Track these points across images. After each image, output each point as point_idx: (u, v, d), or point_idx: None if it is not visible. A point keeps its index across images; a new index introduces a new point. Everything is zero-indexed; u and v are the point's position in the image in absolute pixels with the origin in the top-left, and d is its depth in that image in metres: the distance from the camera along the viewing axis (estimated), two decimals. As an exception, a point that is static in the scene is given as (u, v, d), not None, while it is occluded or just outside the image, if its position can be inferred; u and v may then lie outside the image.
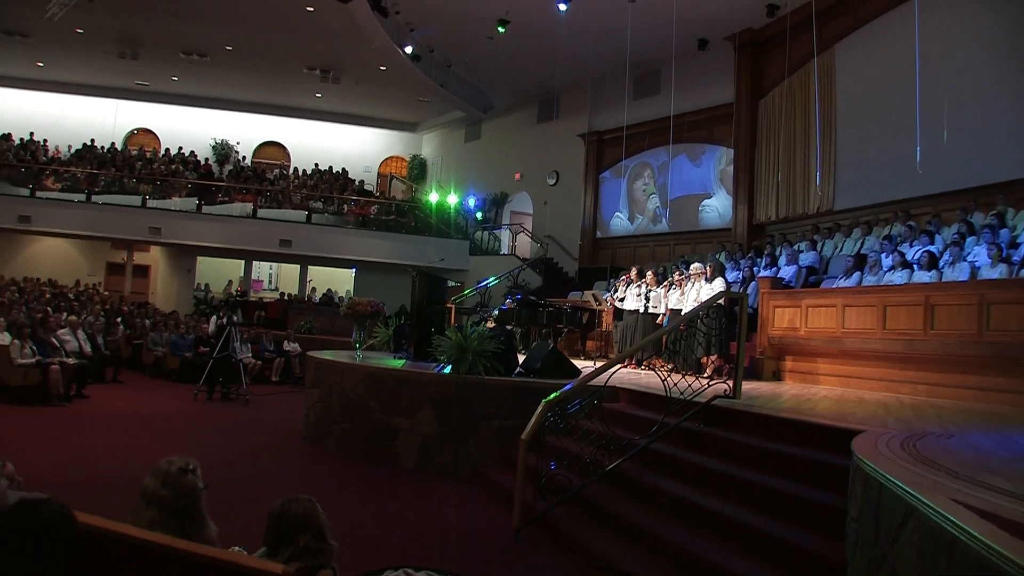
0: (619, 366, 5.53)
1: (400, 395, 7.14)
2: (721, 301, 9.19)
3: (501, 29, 16.52)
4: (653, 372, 9.73)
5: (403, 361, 8.62)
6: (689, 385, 5.51)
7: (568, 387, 5.20)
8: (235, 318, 11.35)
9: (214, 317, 12.97)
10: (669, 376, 5.49)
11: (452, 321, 12.15)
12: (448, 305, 13.33)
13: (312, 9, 16.34)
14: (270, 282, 24.91)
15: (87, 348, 11.63)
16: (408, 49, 17.75)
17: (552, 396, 5.03)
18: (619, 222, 19.81)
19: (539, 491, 4.98)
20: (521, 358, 8.19)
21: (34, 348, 9.72)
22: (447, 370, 7.08)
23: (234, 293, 20.30)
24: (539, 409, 4.96)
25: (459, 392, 6.88)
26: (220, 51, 19.53)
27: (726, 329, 9.29)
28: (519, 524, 4.89)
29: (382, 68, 19.60)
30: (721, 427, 5.28)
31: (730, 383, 5.68)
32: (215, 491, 5.81)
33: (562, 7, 15.05)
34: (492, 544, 4.95)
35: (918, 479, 2.59)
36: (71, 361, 10.12)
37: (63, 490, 5.25)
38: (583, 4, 14.98)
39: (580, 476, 5.09)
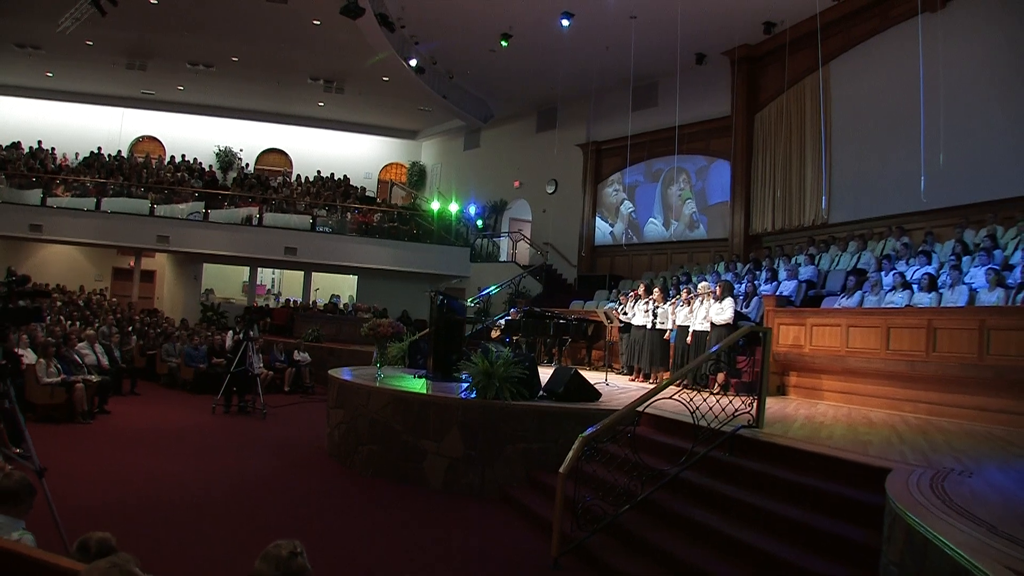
0: (660, 396, 5.78)
1: (427, 418, 7.40)
2: (730, 319, 9.62)
3: (504, 43, 16.80)
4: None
5: (424, 380, 8.90)
6: (716, 415, 5.81)
7: (600, 424, 5.46)
8: (252, 333, 11.55)
9: (231, 332, 13.19)
10: (697, 409, 5.77)
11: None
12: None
13: (319, 23, 16.57)
14: (272, 286, 25.18)
15: (104, 361, 11.79)
16: (413, 62, 17.99)
17: (589, 431, 5.31)
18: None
19: (576, 520, 5.27)
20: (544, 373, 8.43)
21: (59, 366, 9.93)
22: (473, 394, 7.35)
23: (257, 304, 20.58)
24: (576, 444, 5.25)
25: (485, 416, 7.16)
26: (226, 62, 19.82)
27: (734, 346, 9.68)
28: (558, 552, 5.19)
29: (385, 79, 19.88)
30: (747, 457, 5.58)
31: (752, 411, 5.99)
32: (255, 513, 6.11)
33: (565, 23, 15.34)
34: (531, 572, 5.21)
35: (965, 539, 2.92)
36: (94, 378, 10.32)
37: (111, 519, 5.55)
38: (584, 19, 15.27)
39: (614, 505, 5.39)
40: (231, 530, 5.73)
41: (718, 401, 5.91)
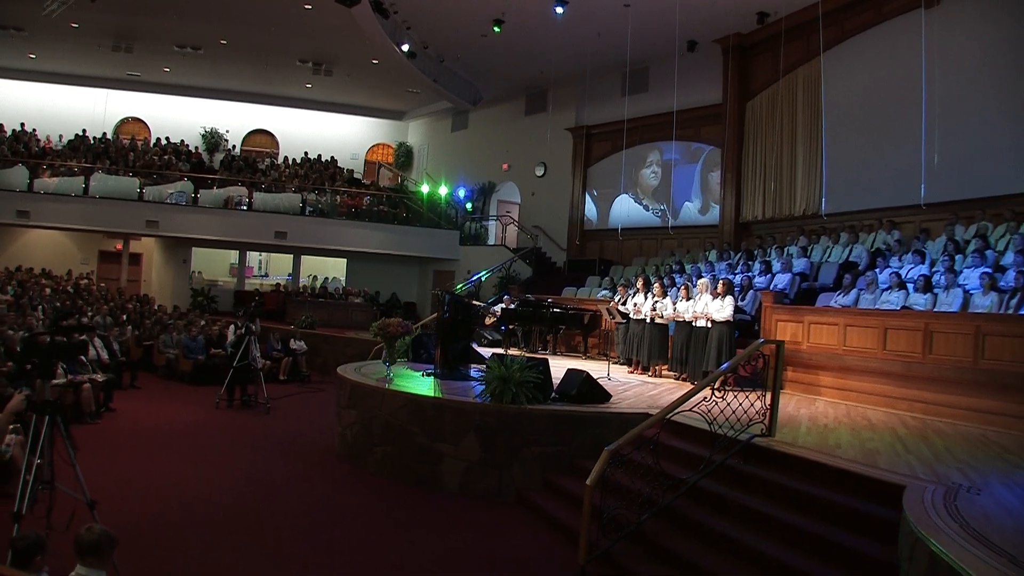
0: (687, 406, 5.97)
1: (443, 422, 7.55)
2: (730, 317, 9.87)
3: (497, 29, 16.78)
4: (662, 380, 10.40)
5: (432, 379, 9.06)
6: (731, 424, 6.04)
7: (623, 438, 5.66)
8: (253, 327, 11.60)
9: (232, 326, 13.21)
10: (715, 420, 6.00)
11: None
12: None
13: (310, 7, 16.39)
14: (260, 268, 25.13)
15: (104, 355, 11.74)
16: (405, 47, 17.91)
17: (613, 445, 5.52)
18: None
19: (601, 529, 5.50)
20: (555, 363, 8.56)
21: (64, 367, 9.89)
22: (488, 398, 7.51)
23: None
24: (603, 456, 5.42)
25: (502, 420, 7.32)
26: (214, 45, 19.60)
27: (735, 342, 9.97)
28: (585, 560, 5.42)
29: (375, 61, 19.76)
30: (761, 466, 5.83)
31: (766, 421, 6.22)
32: (275, 519, 6.22)
33: (559, 10, 15.32)
34: (560, 580, 5.44)
35: (994, 574, 3.20)
36: (99, 378, 10.32)
37: (136, 534, 5.62)
38: (577, 6, 15.26)
39: (636, 513, 5.62)
40: (253, 539, 5.86)
41: (734, 412, 6.12)
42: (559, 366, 8.45)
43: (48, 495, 4.53)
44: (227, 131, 25.08)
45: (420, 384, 8.65)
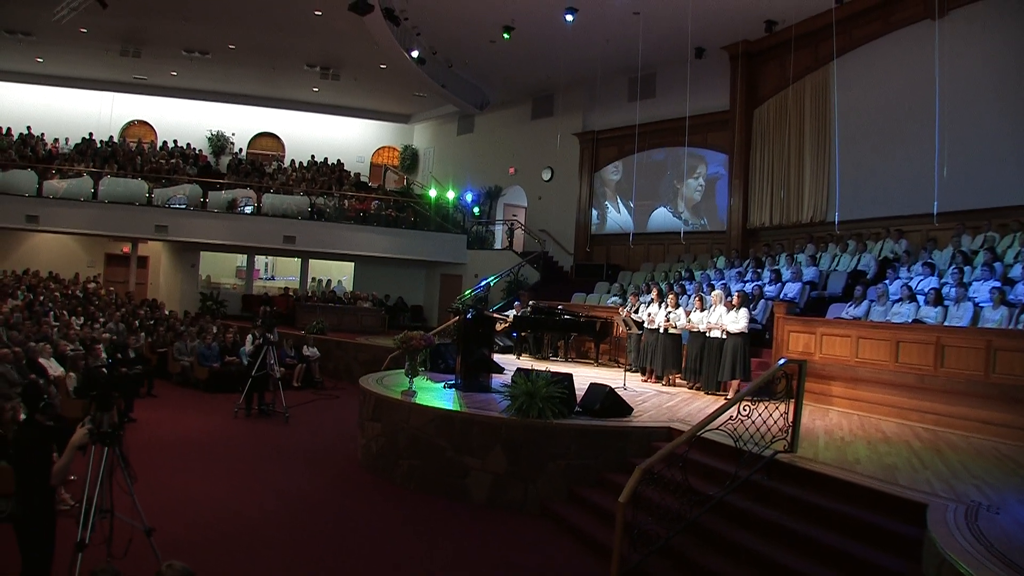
0: (716, 423, 6.17)
1: (470, 436, 7.73)
2: (744, 329, 10.06)
3: (506, 36, 16.93)
4: (676, 390, 10.61)
5: (455, 391, 9.23)
6: (756, 441, 6.23)
7: (655, 456, 5.86)
8: (271, 337, 11.75)
9: (250, 336, 13.36)
10: (740, 438, 6.20)
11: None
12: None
13: (320, 13, 16.52)
14: (266, 270, 25.24)
15: (122, 364, 11.92)
16: (415, 53, 18.04)
17: (645, 463, 5.71)
18: None
19: (632, 544, 5.69)
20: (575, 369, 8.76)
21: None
22: (514, 413, 7.69)
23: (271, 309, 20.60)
24: (635, 474, 5.61)
25: (528, 434, 7.51)
26: (222, 49, 19.72)
27: (749, 353, 10.17)
28: (617, 574, 5.60)
29: (383, 66, 19.89)
30: (784, 482, 6.02)
31: (788, 438, 6.42)
32: (309, 538, 6.33)
33: (569, 18, 15.47)
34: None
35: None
36: (122, 388, 10.45)
37: (176, 556, 5.67)
38: (587, 13, 15.42)
39: (665, 528, 5.81)
40: (284, 554, 5.99)
41: (758, 429, 6.31)
42: (570, 372, 8.61)
43: (108, 523, 4.68)
44: (233, 134, 25.23)
45: (443, 397, 8.83)
